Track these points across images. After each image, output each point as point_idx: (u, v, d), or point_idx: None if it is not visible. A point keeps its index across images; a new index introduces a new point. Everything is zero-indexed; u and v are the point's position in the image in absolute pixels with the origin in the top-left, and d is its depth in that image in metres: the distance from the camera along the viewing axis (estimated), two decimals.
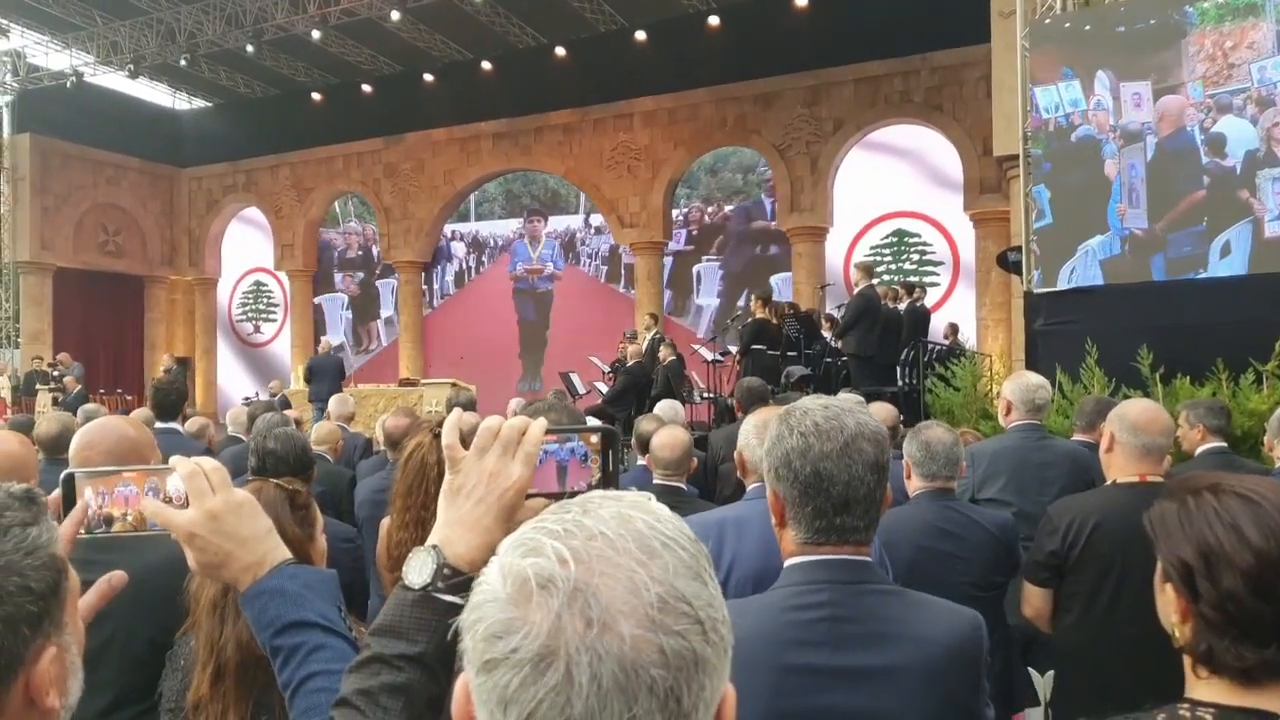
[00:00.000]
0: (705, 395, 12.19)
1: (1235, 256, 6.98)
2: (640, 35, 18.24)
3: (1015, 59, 8.44)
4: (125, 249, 23.81)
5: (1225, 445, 4.35)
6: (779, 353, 10.93)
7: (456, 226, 22.62)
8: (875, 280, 11.23)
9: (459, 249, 22.62)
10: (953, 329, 14.36)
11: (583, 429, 1.11)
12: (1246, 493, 1.23)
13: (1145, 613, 1.36)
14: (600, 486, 1.08)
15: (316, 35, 18.05)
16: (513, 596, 0.64)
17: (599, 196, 19.96)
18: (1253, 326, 6.48)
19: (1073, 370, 6.88)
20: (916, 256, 17.89)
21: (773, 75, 17.90)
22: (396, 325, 22.79)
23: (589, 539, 0.65)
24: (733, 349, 12.00)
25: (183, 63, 19.52)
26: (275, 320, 25.00)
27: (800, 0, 16.85)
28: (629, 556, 0.64)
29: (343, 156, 22.69)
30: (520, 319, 21.79)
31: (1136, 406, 2.99)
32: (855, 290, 10.76)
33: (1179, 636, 1.23)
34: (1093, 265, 7.55)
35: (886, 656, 1.60)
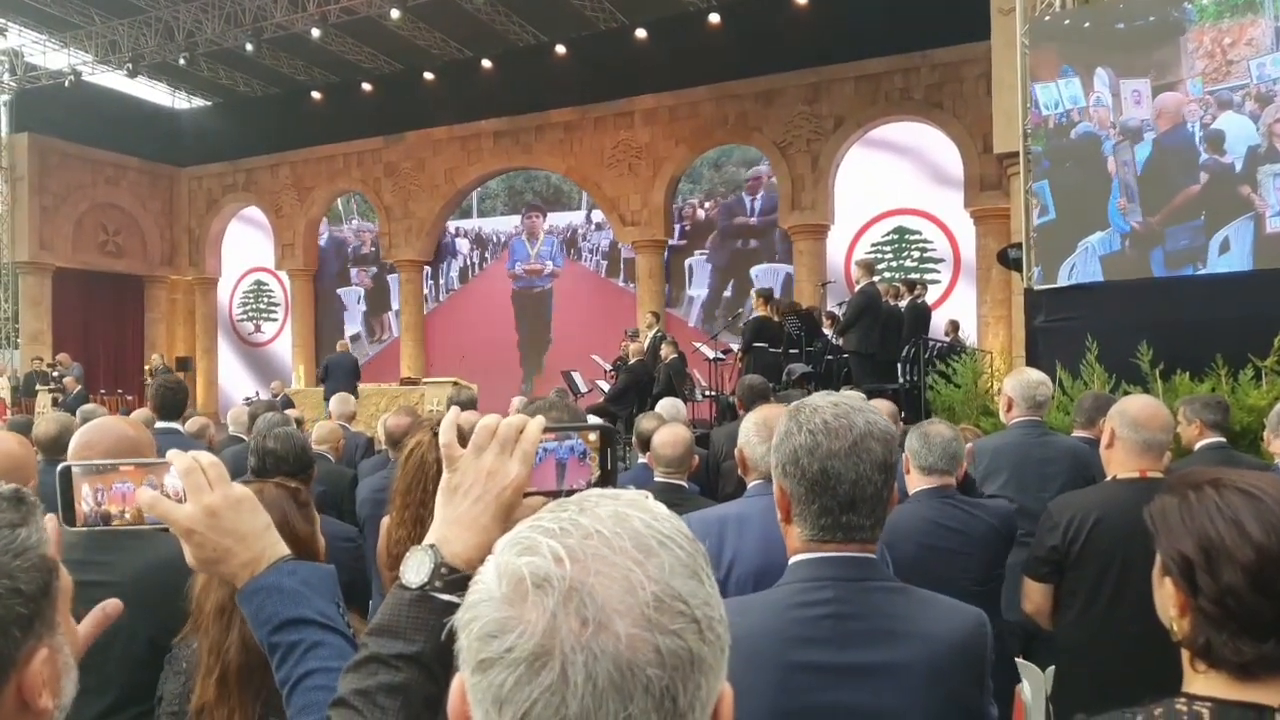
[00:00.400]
0: (707, 393, 12.21)
1: (1236, 252, 6.97)
2: (641, 33, 18.21)
3: (1015, 56, 8.43)
4: (125, 249, 23.76)
5: (1224, 440, 4.36)
6: (780, 350, 10.93)
7: (459, 223, 22.61)
8: (876, 277, 11.25)
9: (463, 245, 22.62)
10: (953, 326, 14.33)
11: (581, 427, 1.11)
12: (1248, 488, 1.23)
13: (1146, 608, 1.36)
14: (599, 484, 1.07)
15: (316, 34, 18.02)
16: (508, 595, 0.63)
17: (600, 194, 19.94)
18: (1252, 322, 6.49)
19: (1073, 366, 6.89)
20: (917, 254, 17.87)
21: (773, 73, 17.88)
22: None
23: (585, 537, 0.65)
24: (734, 346, 12.01)
25: (182, 62, 19.46)
26: (276, 320, 24.98)
27: None
28: (625, 555, 0.64)
29: (343, 155, 22.66)
30: (521, 318, 21.78)
31: (1137, 402, 2.98)
32: (856, 288, 10.78)
33: (1177, 630, 1.23)
34: (1093, 262, 7.56)
35: (891, 654, 1.60)
